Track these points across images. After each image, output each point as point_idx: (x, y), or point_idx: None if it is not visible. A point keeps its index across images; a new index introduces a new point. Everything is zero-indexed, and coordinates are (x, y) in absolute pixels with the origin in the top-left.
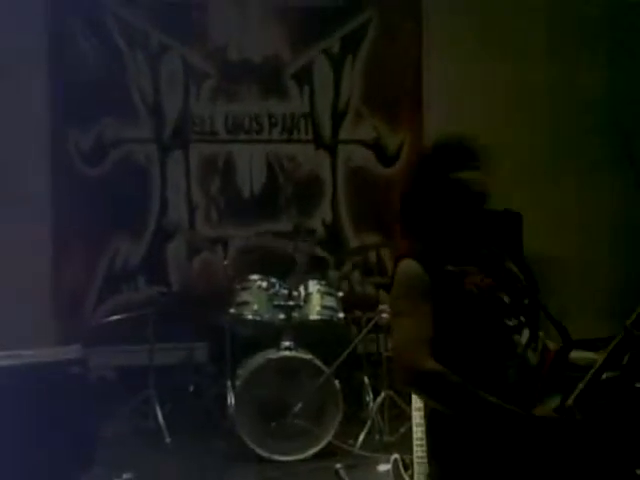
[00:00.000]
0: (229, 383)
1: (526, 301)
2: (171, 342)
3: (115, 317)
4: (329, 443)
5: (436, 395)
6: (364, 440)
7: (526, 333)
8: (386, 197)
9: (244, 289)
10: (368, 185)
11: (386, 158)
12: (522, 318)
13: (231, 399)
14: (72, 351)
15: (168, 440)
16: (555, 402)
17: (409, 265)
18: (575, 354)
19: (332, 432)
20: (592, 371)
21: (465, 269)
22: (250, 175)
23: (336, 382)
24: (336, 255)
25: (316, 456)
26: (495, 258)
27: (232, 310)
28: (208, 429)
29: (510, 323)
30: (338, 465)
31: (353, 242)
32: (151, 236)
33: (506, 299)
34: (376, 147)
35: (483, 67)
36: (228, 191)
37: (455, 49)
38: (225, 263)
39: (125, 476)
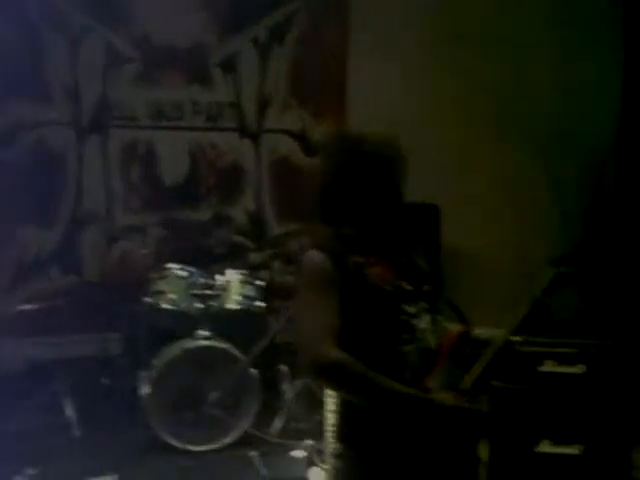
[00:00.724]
0: (144, 374)
1: (426, 288)
2: (85, 333)
3: (26, 307)
4: (246, 432)
5: (342, 384)
6: (281, 428)
7: (426, 318)
8: (309, 187)
9: (161, 278)
10: (292, 175)
11: (310, 149)
12: (422, 304)
13: (145, 390)
14: None
15: (78, 434)
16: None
17: (314, 256)
18: (480, 330)
19: (249, 421)
20: (496, 345)
21: (369, 259)
22: (172, 163)
23: (253, 371)
24: (258, 244)
25: (232, 445)
26: (400, 248)
27: (148, 299)
28: (122, 422)
29: (409, 309)
30: (253, 453)
31: (276, 231)
32: (66, 224)
33: (407, 287)
34: (301, 137)
35: (407, 62)
36: (149, 179)
37: (381, 43)
38: (143, 252)
39: (29, 472)
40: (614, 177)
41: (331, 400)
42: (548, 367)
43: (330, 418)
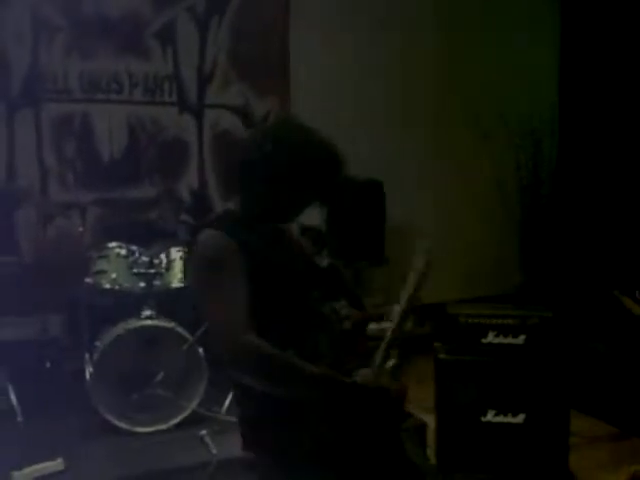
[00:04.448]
0: (87, 356)
1: (324, 265)
2: (23, 316)
3: None
4: (194, 411)
5: (260, 372)
6: (229, 406)
7: (328, 303)
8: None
9: (101, 257)
10: (234, 150)
11: (252, 124)
12: (322, 288)
13: (89, 373)
14: None
15: (20, 419)
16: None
17: (215, 236)
18: (374, 326)
19: (197, 400)
20: (395, 321)
21: (265, 242)
22: (109, 137)
23: (200, 350)
24: (201, 221)
25: (180, 425)
26: (282, 233)
27: (89, 280)
28: (65, 405)
29: (312, 295)
30: (203, 432)
31: (220, 208)
32: None
33: (304, 273)
34: (243, 112)
35: (351, 35)
36: (85, 154)
37: (324, 17)
38: (80, 230)
39: None
40: (556, 157)
41: None
42: (491, 338)
43: None
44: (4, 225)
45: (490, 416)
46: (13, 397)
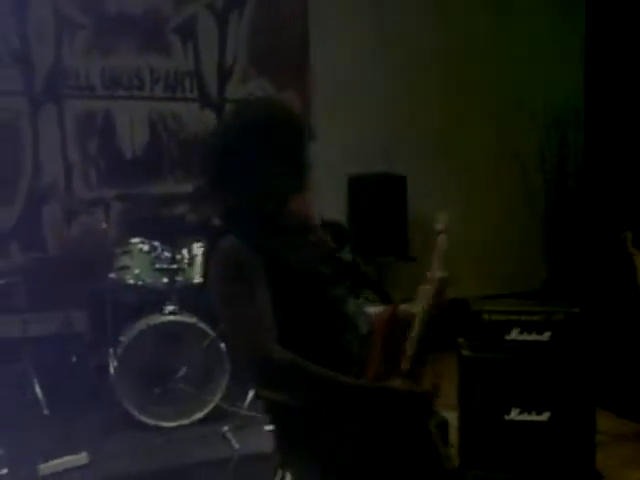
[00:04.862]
0: (111, 351)
1: (347, 260)
2: (49, 311)
3: None
4: (217, 406)
5: (289, 386)
6: (252, 402)
7: (352, 302)
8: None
9: (124, 253)
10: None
11: None
12: (345, 288)
13: (113, 367)
14: None
15: (46, 412)
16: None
17: (234, 244)
18: (403, 306)
19: (219, 395)
20: (421, 318)
21: (282, 245)
22: (131, 134)
23: (222, 345)
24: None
25: (203, 420)
26: (302, 231)
27: (112, 275)
28: (90, 399)
29: (337, 295)
30: (225, 427)
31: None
32: (24, 198)
33: (326, 271)
34: None
35: (371, 29)
36: (108, 151)
37: (343, 11)
38: (104, 226)
39: None
40: (583, 148)
41: None
42: (515, 335)
43: None
44: (30, 221)
45: (514, 414)
46: (38, 390)
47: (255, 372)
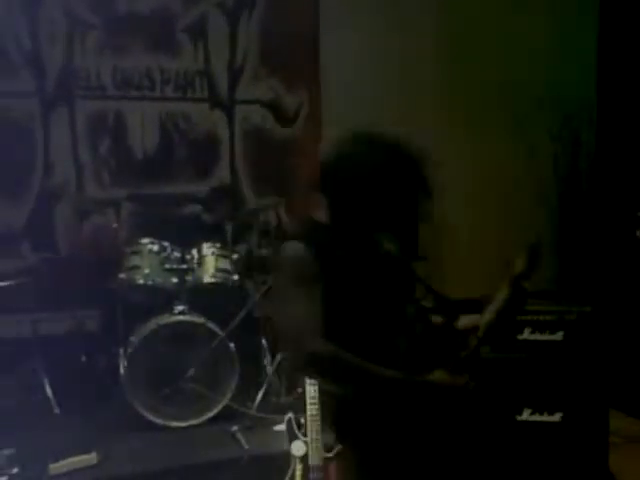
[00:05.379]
0: (121, 351)
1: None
2: (59, 311)
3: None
4: (226, 406)
5: (330, 375)
6: (261, 402)
7: (411, 306)
8: (284, 158)
9: (134, 253)
10: (266, 145)
11: (284, 119)
12: (405, 292)
13: (123, 367)
14: None
15: (57, 412)
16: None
17: (293, 247)
18: (462, 320)
19: (228, 396)
20: (483, 330)
21: (347, 249)
22: (142, 134)
23: (231, 345)
24: (234, 216)
25: (212, 420)
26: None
27: (122, 275)
28: (100, 399)
29: (394, 295)
30: (234, 427)
31: (251, 203)
32: (35, 198)
33: (387, 274)
34: (274, 107)
35: (382, 27)
36: (119, 151)
37: (354, 10)
38: (115, 226)
39: (6, 452)
40: (595, 144)
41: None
42: (527, 335)
43: (310, 391)
44: (42, 221)
45: (526, 415)
46: (49, 390)
47: (301, 362)
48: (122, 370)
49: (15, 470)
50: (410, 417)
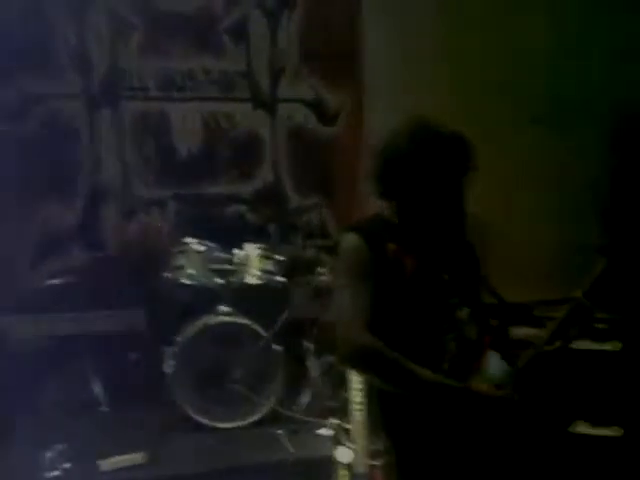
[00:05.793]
0: (168, 350)
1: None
2: (108, 309)
3: (50, 282)
4: (271, 409)
5: (370, 368)
6: (307, 406)
7: (466, 309)
8: (327, 157)
9: (180, 253)
10: (309, 145)
11: (326, 117)
12: (462, 294)
13: (169, 366)
14: None
15: (104, 409)
16: (496, 375)
17: (352, 239)
18: (519, 330)
19: (273, 398)
20: (540, 344)
21: (408, 247)
22: (185, 134)
23: (276, 347)
24: (278, 217)
25: (257, 422)
26: (439, 237)
27: (167, 274)
28: (146, 397)
29: (449, 299)
30: (279, 431)
31: (294, 203)
32: (84, 198)
33: (446, 277)
34: (316, 106)
35: (425, 24)
36: (163, 151)
37: (396, 5)
38: (160, 226)
39: (58, 448)
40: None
41: (356, 379)
42: (583, 344)
43: (356, 396)
44: (90, 221)
45: (580, 428)
46: (98, 388)
47: (344, 353)
48: (168, 370)
49: (67, 465)
50: (455, 424)
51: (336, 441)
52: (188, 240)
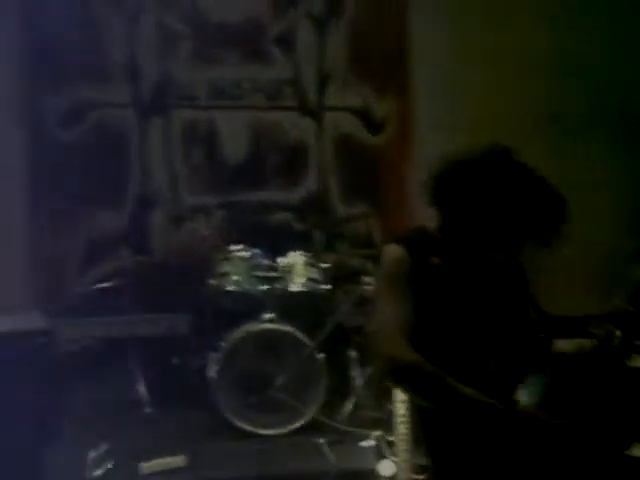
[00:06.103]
0: (212, 356)
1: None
2: (154, 313)
3: (97, 286)
4: (313, 418)
5: (413, 387)
6: (349, 416)
7: (509, 327)
8: (374, 166)
9: (225, 259)
10: (355, 153)
11: (373, 126)
12: (506, 312)
13: (212, 372)
14: (35, 321)
15: (149, 411)
16: (537, 392)
17: (395, 250)
18: (563, 343)
19: (315, 407)
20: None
21: (452, 261)
22: (233, 142)
23: (320, 356)
24: (324, 225)
25: (299, 430)
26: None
27: (213, 281)
28: (189, 401)
29: (492, 317)
30: (321, 440)
31: (340, 211)
32: (132, 204)
33: (490, 291)
34: (363, 114)
35: (473, 32)
36: (211, 159)
37: (444, 13)
38: (206, 232)
39: (102, 447)
40: None
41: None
42: (638, 362)
43: (400, 409)
44: (139, 226)
45: (637, 451)
46: (143, 389)
47: (386, 369)
48: (211, 375)
49: (110, 465)
50: (498, 445)
51: (379, 454)
52: (233, 247)
